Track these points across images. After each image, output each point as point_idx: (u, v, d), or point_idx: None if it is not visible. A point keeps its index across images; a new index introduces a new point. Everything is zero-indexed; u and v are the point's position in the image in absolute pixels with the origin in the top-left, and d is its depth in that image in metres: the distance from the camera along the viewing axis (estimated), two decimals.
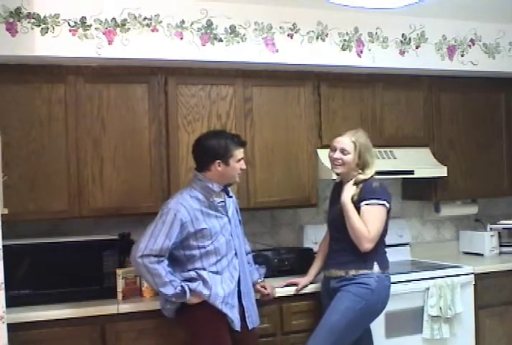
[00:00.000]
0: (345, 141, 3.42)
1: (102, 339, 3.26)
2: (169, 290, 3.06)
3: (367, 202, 3.32)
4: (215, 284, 3.14)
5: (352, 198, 3.34)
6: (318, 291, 3.67)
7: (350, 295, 3.32)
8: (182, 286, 3.08)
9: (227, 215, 3.26)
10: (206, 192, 3.20)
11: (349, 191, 3.36)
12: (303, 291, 3.65)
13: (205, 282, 3.13)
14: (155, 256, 3.05)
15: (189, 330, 3.23)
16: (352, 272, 3.36)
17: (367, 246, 3.29)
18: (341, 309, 3.30)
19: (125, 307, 3.31)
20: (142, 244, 3.07)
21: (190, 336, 3.22)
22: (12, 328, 2.90)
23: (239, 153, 3.24)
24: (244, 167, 3.29)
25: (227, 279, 3.19)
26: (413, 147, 4.35)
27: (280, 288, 3.61)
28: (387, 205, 3.38)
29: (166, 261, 3.09)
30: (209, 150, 3.20)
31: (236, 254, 3.27)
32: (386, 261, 3.45)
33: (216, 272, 3.17)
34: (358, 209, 3.33)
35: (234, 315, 3.17)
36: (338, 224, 3.42)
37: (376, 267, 3.36)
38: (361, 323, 3.38)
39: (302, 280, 3.64)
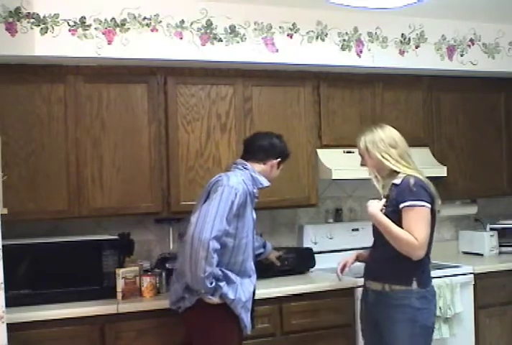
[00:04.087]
0: (357, 144, 3.22)
1: (101, 339, 3.26)
2: (205, 283, 2.89)
3: (406, 204, 2.98)
4: (239, 287, 3.02)
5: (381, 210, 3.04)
6: (317, 291, 3.67)
7: (400, 323, 3.02)
8: (215, 287, 2.94)
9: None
10: (251, 182, 3.13)
11: (374, 204, 3.06)
12: (302, 291, 3.65)
13: (230, 282, 3.01)
14: (218, 240, 2.90)
15: (197, 328, 3.08)
16: (388, 287, 3.06)
17: (418, 253, 2.98)
18: (406, 341, 3.03)
19: (125, 307, 3.31)
20: (209, 223, 2.89)
21: (198, 336, 3.09)
22: (12, 328, 2.90)
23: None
24: (277, 175, 3.32)
25: (247, 283, 3.08)
26: (412, 147, 4.29)
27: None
28: (429, 205, 3.03)
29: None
30: (278, 147, 3.26)
31: (254, 255, 3.22)
32: (427, 277, 3.12)
33: (241, 274, 3.06)
34: (395, 212, 3.02)
35: (248, 319, 3.07)
36: (378, 230, 3.11)
37: (415, 284, 3.03)
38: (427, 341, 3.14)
39: (349, 259, 3.45)
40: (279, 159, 3.26)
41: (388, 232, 2.99)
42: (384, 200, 3.08)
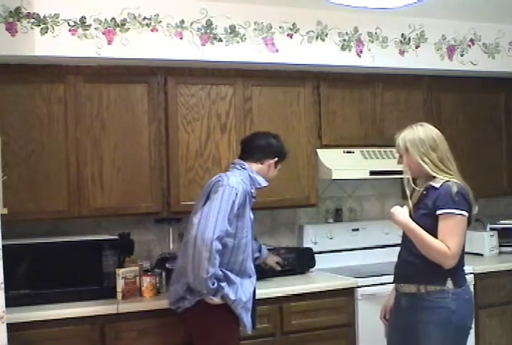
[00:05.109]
0: (397, 142, 3.02)
1: (102, 339, 3.26)
2: (207, 284, 2.90)
3: (446, 211, 2.88)
4: (239, 288, 3.02)
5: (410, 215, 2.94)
6: (317, 291, 3.67)
7: (435, 326, 2.89)
8: (217, 287, 2.95)
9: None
10: (249, 182, 3.14)
11: (402, 211, 2.97)
12: (302, 291, 3.65)
13: (230, 283, 3.01)
14: (220, 240, 2.91)
15: (197, 329, 3.09)
16: (423, 289, 2.92)
17: (449, 262, 2.88)
18: (439, 344, 2.91)
19: (125, 307, 3.31)
20: (211, 223, 2.88)
21: (199, 336, 3.10)
22: (12, 328, 2.90)
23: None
24: (275, 175, 3.33)
25: (247, 284, 3.08)
26: None
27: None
28: (466, 214, 2.92)
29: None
30: (275, 147, 3.28)
31: (253, 256, 3.22)
32: (462, 277, 3.02)
33: (241, 274, 3.06)
34: (427, 215, 2.93)
35: (248, 319, 3.07)
36: None
37: (450, 283, 2.91)
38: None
39: (388, 303, 3.21)
40: (276, 159, 3.27)
41: (420, 240, 2.88)
42: (405, 207, 2.99)
